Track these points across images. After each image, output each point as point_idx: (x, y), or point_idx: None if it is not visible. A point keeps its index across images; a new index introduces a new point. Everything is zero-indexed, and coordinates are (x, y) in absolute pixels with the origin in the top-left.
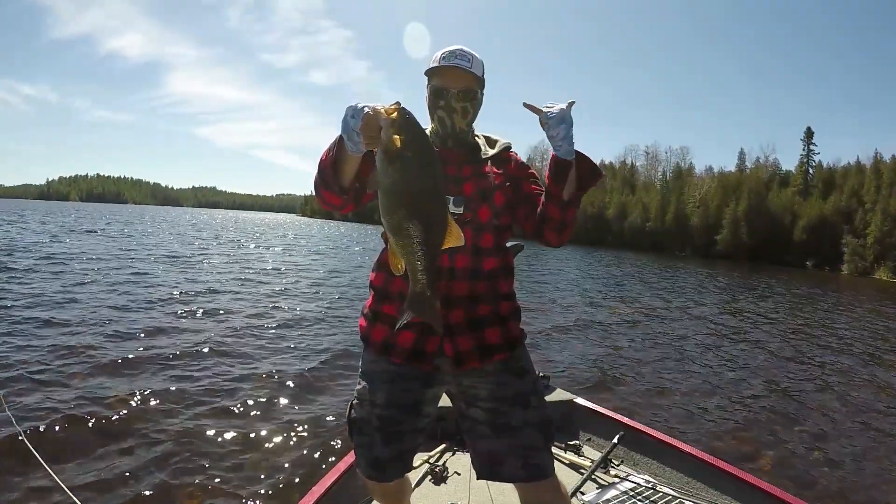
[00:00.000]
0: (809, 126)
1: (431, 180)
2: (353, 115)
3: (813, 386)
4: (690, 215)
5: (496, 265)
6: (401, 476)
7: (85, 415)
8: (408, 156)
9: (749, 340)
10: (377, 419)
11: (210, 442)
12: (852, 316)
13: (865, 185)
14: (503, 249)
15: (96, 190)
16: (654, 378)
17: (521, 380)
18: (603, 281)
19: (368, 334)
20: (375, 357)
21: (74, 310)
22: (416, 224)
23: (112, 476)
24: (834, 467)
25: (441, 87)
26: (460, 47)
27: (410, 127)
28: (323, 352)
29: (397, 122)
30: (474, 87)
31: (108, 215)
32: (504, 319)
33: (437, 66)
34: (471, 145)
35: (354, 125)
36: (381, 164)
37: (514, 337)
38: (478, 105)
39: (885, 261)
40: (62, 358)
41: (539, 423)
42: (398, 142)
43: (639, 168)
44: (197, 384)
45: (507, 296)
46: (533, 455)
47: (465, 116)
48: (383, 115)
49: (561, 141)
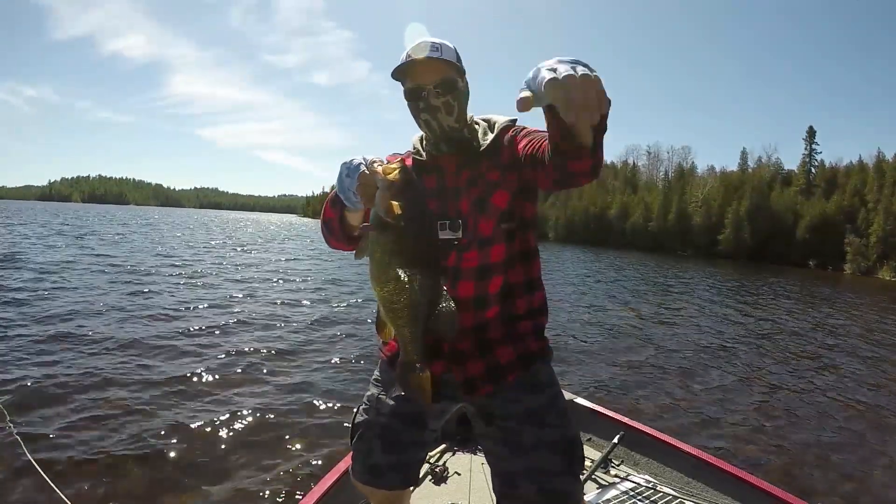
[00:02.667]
0: (812, 125)
1: (426, 252)
2: (349, 174)
3: (814, 386)
4: (692, 215)
5: (510, 282)
6: (399, 485)
7: (85, 414)
8: (401, 225)
9: (750, 340)
10: (380, 427)
11: (210, 441)
12: (855, 316)
13: (868, 184)
14: (519, 259)
15: (98, 191)
16: (655, 378)
17: (534, 395)
18: (604, 281)
19: (384, 345)
20: (387, 367)
21: (84, 319)
22: (407, 298)
23: (112, 476)
24: (835, 468)
25: (414, 87)
26: (425, 38)
27: (409, 192)
28: (328, 354)
29: (395, 186)
30: (452, 76)
31: (116, 217)
32: (520, 337)
33: (404, 64)
34: (467, 143)
35: (350, 185)
36: (374, 229)
37: (530, 353)
38: (462, 96)
39: (887, 260)
40: (61, 358)
41: (558, 443)
42: (395, 208)
43: (641, 168)
44: (197, 383)
45: (526, 314)
46: (549, 480)
47: (450, 112)
48: (380, 176)
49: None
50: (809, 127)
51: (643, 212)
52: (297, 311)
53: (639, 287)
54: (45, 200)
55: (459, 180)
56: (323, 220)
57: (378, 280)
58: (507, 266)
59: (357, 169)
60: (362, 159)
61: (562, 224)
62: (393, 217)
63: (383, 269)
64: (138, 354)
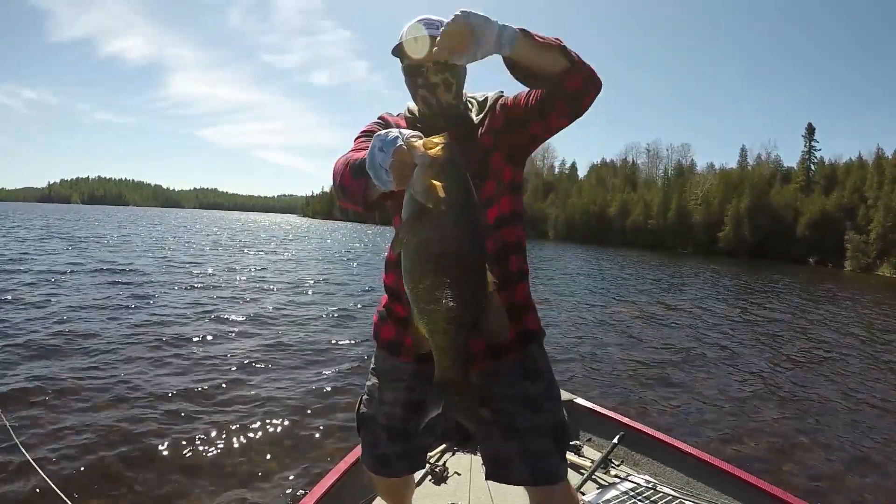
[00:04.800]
0: (811, 122)
1: (472, 245)
2: (382, 148)
3: (815, 385)
4: (692, 212)
5: (505, 240)
6: (408, 472)
7: (85, 414)
8: (443, 210)
9: (751, 339)
10: (384, 416)
11: (211, 441)
12: (856, 313)
13: (867, 181)
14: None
15: (98, 192)
16: (655, 378)
17: (532, 383)
18: (604, 279)
19: (379, 332)
20: (386, 355)
21: (85, 322)
22: (447, 299)
23: (111, 477)
24: (835, 468)
25: (413, 64)
26: (426, 16)
27: (454, 172)
28: (329, 350)
29: (438, 163)
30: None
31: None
32: (518, 311)
33: (405, 41)
34: (465, 118)
35: (383, 160)
36: (410, 215)
37: (529, 331)
38: (460, 73)
39: (887, 257)
40: (61, 358)
41: (550, 427)
42: (437, 189)
43: (640, 166)
44: (197, 383)
45: (520, 274)
46: (541, 460)
47: (448, 89)
48: (420, 152)
49: (499, 40)
50: (808, 124)
51: (643, 210)
52: (295, 310)
53: (639, 285)
54: (44, 202)
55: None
56: (338, 184)
57: (412, 275)
58: (503, 225)
59: (393, 143)
60: (399, 133)
61: (562, 222)
62: (433, 200)
63: (419, 262)
64: (138, 355)
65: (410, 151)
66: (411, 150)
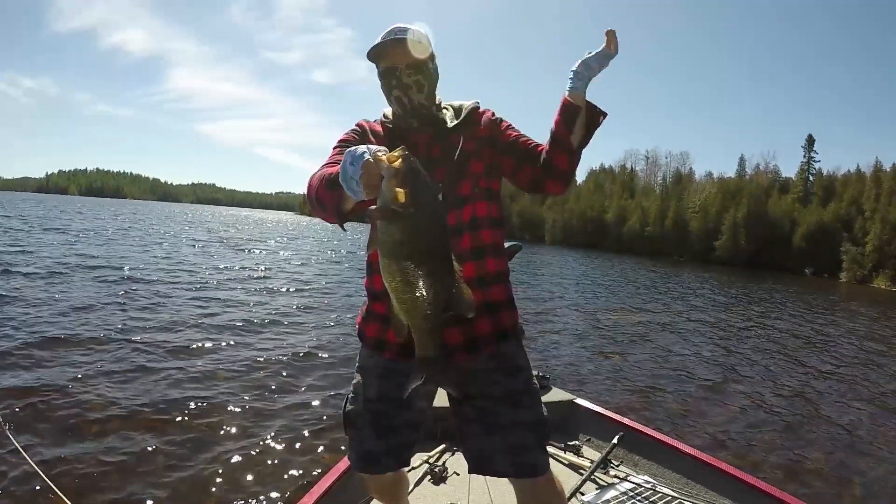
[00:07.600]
0: (811, 133)
1: (437, 239)
2: (353, 162)
3: (812, 388)
4: (690, 221)
5: (483, 241)
6: (395, 469)
7: (82, 417)
8: (411, 212)
9: (748, 344)
10: (370, 413)
11: (209, 442)
12: (851, 324)
13: (865, 193)
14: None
15: (95, 184)
16: (654, 379)
17: (512, 378)
18: (601, 284)
19: (363, 330)
20: (370, 352)
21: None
22: (420, 288)
23: (110, 478)
24: (833, 468)
25: (388, 67)
26: (397, 25)
27: (416, 178)
28: (322, 350)
29: (401, 172)
30: (422, 58)
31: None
32: (496, 307)
33: (378, 46)
34: (437, 120)
35: (353, 173)
36: (382, 220)
37: (504, 328)
38: (431, 76)
39: (883, 269)
40: (60, 359)
41: (531, 423)
42: (401, 196)
43: (638, 173)
44: (195, 383)
45: (498, 276)
46: (523, 454)
47: (420, 90)
48: (385, 164)
49: (583, 77)
50: (809, 135)
51: (640, 217)
52: (294, 310)
53: (635, 291)
54: (41, 192)
55: (432, 153)
56: (314, 196)
57: (388, 272)
58: (480, 226)
59: (361, 157)
60: (366, 148)
61: (558, 227)
62: (400, 206)
63: (392, 260)
64: (137, 355)
65: (376, 164)
66: (377, 163)
